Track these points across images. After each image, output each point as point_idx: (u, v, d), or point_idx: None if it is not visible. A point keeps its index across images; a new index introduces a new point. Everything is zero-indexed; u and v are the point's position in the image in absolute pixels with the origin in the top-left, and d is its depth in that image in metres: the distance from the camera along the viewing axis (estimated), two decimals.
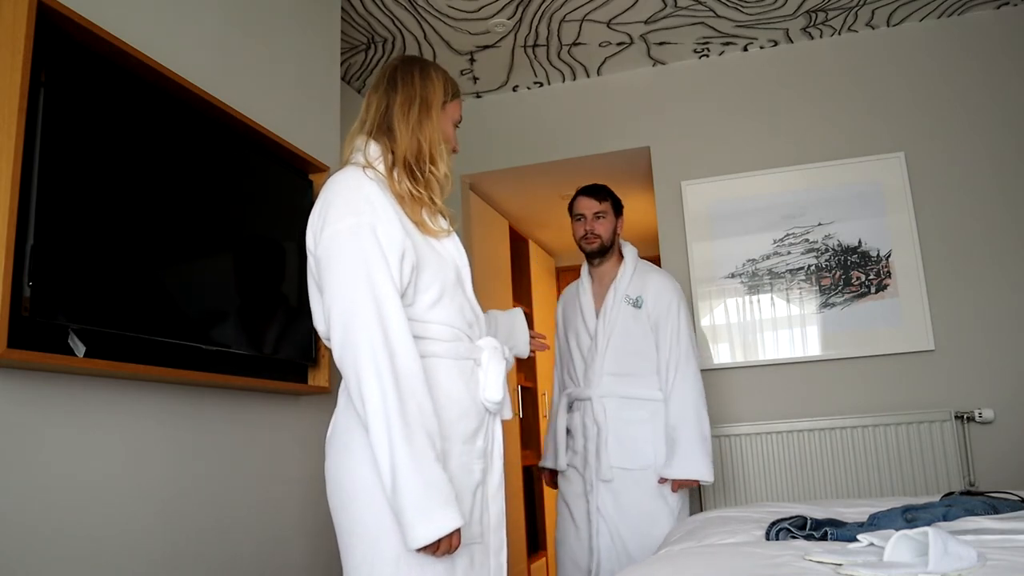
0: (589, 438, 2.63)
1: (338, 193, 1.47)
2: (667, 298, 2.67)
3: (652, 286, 2.68)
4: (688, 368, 2.61)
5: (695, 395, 2.59)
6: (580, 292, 2.82)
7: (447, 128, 1.65)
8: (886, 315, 3.36)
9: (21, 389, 1.53)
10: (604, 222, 2.71)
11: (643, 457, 2.58)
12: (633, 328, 2.66)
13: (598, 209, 2.71)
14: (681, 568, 1.34)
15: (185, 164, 1.97)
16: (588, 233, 2.71)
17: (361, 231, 1.41)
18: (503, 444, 1.61)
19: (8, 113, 1.46)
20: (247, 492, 2.17)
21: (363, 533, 1.41)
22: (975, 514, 1.69)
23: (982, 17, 3.49)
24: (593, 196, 2.73)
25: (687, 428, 2.54)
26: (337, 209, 1.44)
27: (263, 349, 2.20)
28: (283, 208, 2.39)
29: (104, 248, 1.68)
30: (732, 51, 3.78)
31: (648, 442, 2.59)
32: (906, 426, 3.22)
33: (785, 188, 3.57)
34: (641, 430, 2.60)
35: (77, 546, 1.62)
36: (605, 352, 2.66)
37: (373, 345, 1.35)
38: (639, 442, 2.59)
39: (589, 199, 2.73)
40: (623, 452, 2.58)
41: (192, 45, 2.12)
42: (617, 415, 2.61)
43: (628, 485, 2.57)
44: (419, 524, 1.31)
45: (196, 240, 1.99)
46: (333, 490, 1.47)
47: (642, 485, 2.57)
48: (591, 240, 2.71)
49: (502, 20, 3.37)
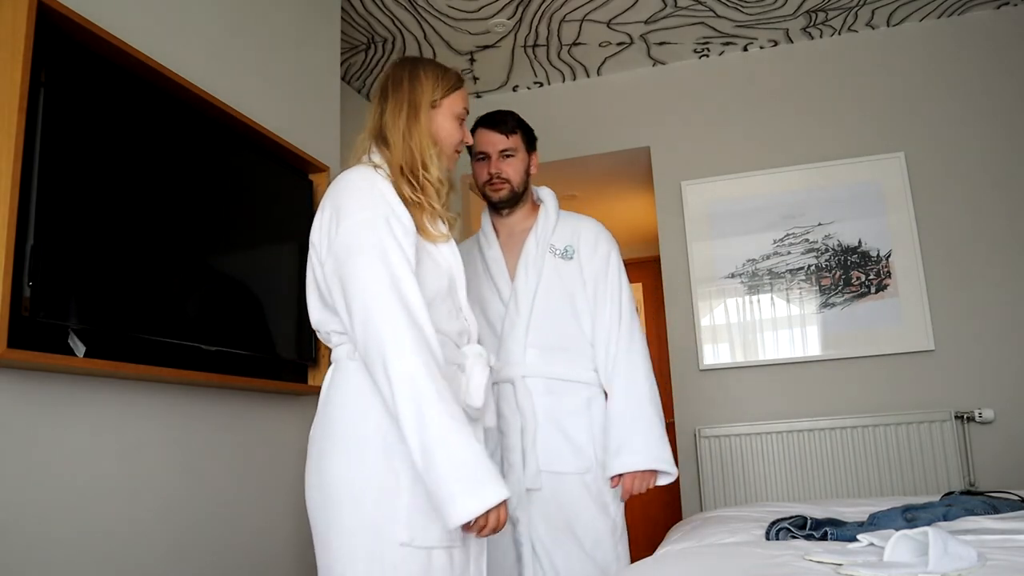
0: (510, 433, 1.96)
1: (351, 191, 1.49)
2: (604, 249, 2.09)
3: (585, 233, 2.09)
4: (636, 340, 2.03)
5: (648, 373, 2.02)
6: (484, 248, 2.13)
7: (441, 127, 1.61)
8: (886, 315, 3.36)
9: (21, 389, 1.53)
10: (513, 161, 2.06)
11: (582, 457, 1.97)
12: (562, 287, 2.05)
13: (505, 146, 2.05)
14: (681, 568, 1.34)
15: (185, 164, 1.97)
16: (493, 177, 2.05)
17: (377, 222, 1.44)
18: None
19: (8, 113, 1.47)
20: (247, 492, 2.17)
21: (340, 531, 1.41)
22: (975, 514, 1.69)
23: (982, 17, 3.49)
24: (497, 129, 2.06)
25: (644, 411, 1.96)
26: (352, 205, 1.46)
27: (263, 349, 2.20)
28: (283, 208, 2.39)
29: (104, 248, 1.68)
30: (732, 51, 3.78)
31: (586, 438, 1.99)
32: (906, 426, 3.22)
33: (785, 188, 3.57)
34: (577, 423, 1.99)
35: (77, 546, 1.62)
36: (529, 320, 2.01)
37: (399, 327, 1.36)
38: (575, 438, 1.98)
39: (492, 132, 2.06)
40: (555, 451, 1.96)
41: (192, 45, 2.12)
42: (547, 403, 1.98)
43: (563, 495, 1.94)
44: (467, 496, 1.28)
45: (196, 240, 1.99)
46: (312, 487, 1.48)
47: (580, 495, 1.95)
48: (498, 186, 2.05)
49: (502, 20, 3.37)
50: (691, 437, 3.51)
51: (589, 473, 1.96)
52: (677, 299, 3.66)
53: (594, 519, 1.94)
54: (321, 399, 1.55)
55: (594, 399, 2.03)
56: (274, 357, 2.23)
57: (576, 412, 2.00)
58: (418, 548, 1.39)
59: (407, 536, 1.38)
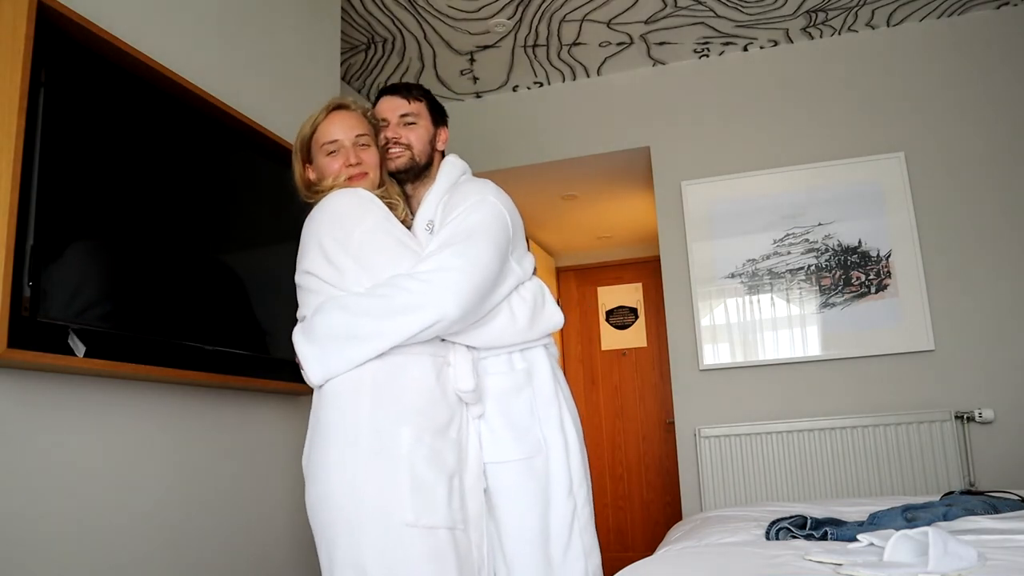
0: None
1: (343, 204, 1.62)
2: (455, 202, 1.73)
3: (454, 198, 1.76)
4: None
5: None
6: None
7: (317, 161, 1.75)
8: (886, 315, 3.36)
9: (21, 389, 1.53)
10: (416, 128, 1.83)
11: (530, 440, 1.67)
12: None
13: (407, 110, 1.84)
14: (681, 568, 1.34)
15: (185, 164, 1.97)
16: (390, 142, 1.81)
17: (379, 224, 1.60)
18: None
19: (8, 113, 1.47)
20: (246, 491, 2.17)
21: (346, 527, 1.43)
22: (975, 514, 1.69)
23: (982, 17, 3.49)
24: (398, 94, 1.86)
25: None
26: (352, 215, 1.60)
27: (261, 349, 2.20)
28: (283, 208, 2.39)
29: (104, 248, 1.68)
30: (732, 51, 3.78)
31: (531, 420, 1.70)
32: (906, 426, 3.22)
33: (785, 188, 3.57)
34: (519, 401, 1.70)
35: (77, 544, 1.62)
36: None
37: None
38: (520, 421, 1.69)
39: (393, 98, 1.86)
40: (503, 436, 1.66)
41: (192, 45, 2.12)
42: (487, 384, 1.69)
43: (517, 486, 1.65)
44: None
45: (196, 240, 1.99)
46: (311, 489, 1.51)
47: (528, 484, 1.66)
48: (396, 153, 1.81)
49: (502, 20, 3.37)
50: (691, 437, 3.51)
51: (538, 457, 1.67)
52: (677, 299, 3.66)
53: (547, 509, 1.66)
54: (314, 402, 1.58)
55: (534, 373, 1.73)
56: (273, 357, 2.23)
57: (518, 389, 1.71)
58: (424, 528, 1.41)
59: (412, 517, 1.41)
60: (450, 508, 1.46)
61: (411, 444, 1.46)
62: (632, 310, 5.79)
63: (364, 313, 1.50)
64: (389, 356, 1.51)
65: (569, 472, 1.68)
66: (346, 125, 1.70)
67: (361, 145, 1.70)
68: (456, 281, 1.52)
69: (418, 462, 1.45)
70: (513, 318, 1.66)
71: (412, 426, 1.47)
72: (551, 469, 1.67)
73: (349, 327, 1.50)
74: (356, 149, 1.69)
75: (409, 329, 1.50)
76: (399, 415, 1.48)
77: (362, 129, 1.72)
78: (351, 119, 1.72)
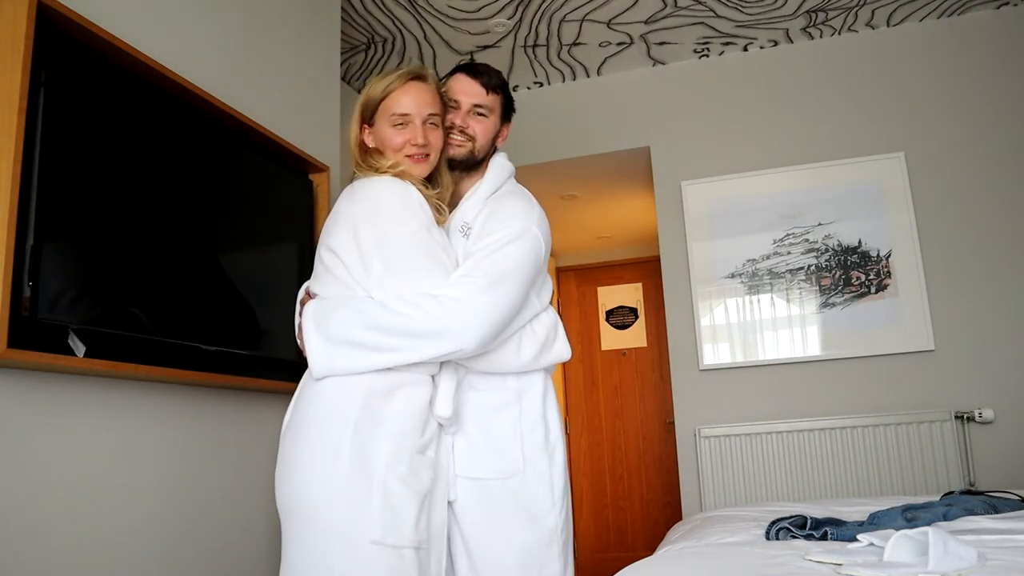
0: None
1: (391, 200, 1.55)
2: (500, 218, 1.65)
3: (492, 206, 1.69)
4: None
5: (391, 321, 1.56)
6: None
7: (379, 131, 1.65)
8: (886, 315, 3.36)
9: (21, 389, 1.53)
10: (484, 122, 1.74)
11: (509, 459, 1.62)
12: None
13: (482, 101, 1.73)
14: (681, 568, 1.34)
15: (185, 164, 1.97)
16: (457, 128, 1.70)
17: (418, 234, 1.53)
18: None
19: (8, 113, 1.47)
20: (247, 491, 2.17)
21: (313, 531, 1.42)
22: (975, 514, 1.69)
23: (982, 17, 3.49)
24: (479, 79, 1.74)
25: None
26: (396, 216, 1.53)
27: (262, 349, 2.20)
28: (283, 208, 2.39)
29: (104, 248, 1.68)
30: (732, 51, 3.78)
31: (513, 439, 1.63)
32: (906, 426, 3.22)
33: (785, 188, 3.57)
34: (502, 420, 1.64)
35: (77, 545, 1.62)
36: None
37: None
38: (499, 439, 1.63)
39: (473, 82, 1.73)
40: (480, 452, 1.62)
41: (192, 45, 2.12)
42: (472, 398, 1.66)
43: (490, 506, 1.60)
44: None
45: (196, 240, 1.99)
46: (283, 479, 1.49)
47: (504, 503, 1.60)
48: (458, 142, 1.71)
49: (502, 20, 3.37)
50: (691, 437, 3.51)
51: (515, 477, 1.61)
52: (677, 299, 3.66)
53: (523, 532, 1.59)
54: (292, 402, 1.58)
55: (526, 393, 1.67)
56: (273, 357, 2.23)
57: (505, 406, 1.65)
58: (390, 547, 1.41)
59: (379, 534, 1.40)
60: (417, 528, 1.45)
61: (388, 462, 1.44)
62: (632, 310, 5.79)
63: (383, 328, 1.47)
64: (390, 372, 1.50)
65: (552, 494, 1.62)
66: (421, 100, 1.60)
67: (430, 124, 1.62)
68: (481, 315, 1.49)
69: (392, 481, 1.43)
70: (519, 351, 1.62)
71: (393, 444, 1.46)
72: (530, 490, 1.60)
73: (365, 338, 1.47)
74: (425, 128, 1.60)
75: (425, 354, 1.48)
76: (384, 432, 1.47)
77: (435, 107, 1.63)
78: (427, 94, 1.62)
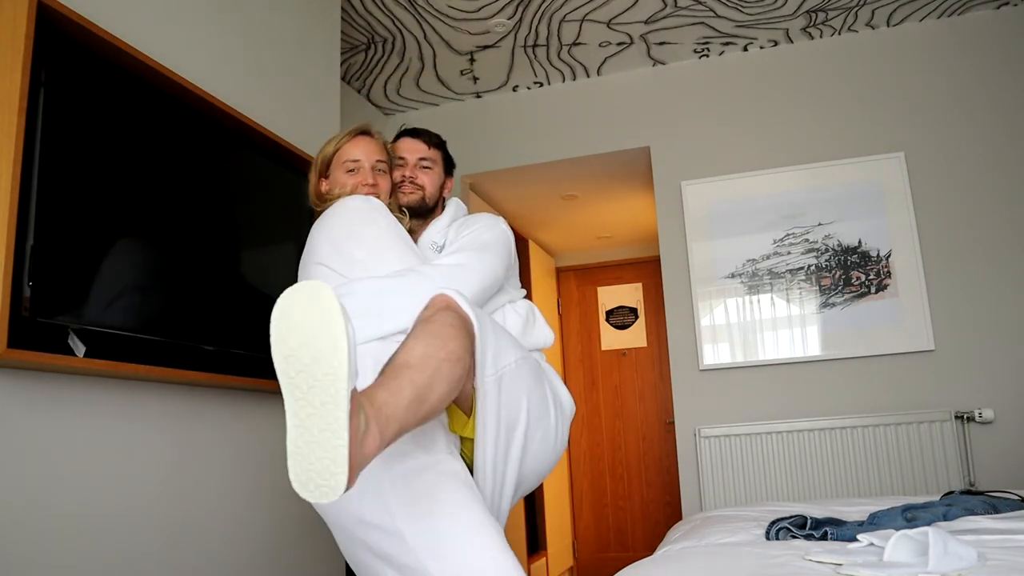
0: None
1: (357, 207, 1.70)
2: (469, 224, 1.90)
3: (463, 223, 1.94)
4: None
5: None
6: None
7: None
8: (886, 315, 3.36)
9: (21, 389, 1.53)
10: (430, 173, 2.00)
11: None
12: None
13: (425, 155, 2.00)
14: (681, 568, 1.34)
15: (185, 164, 1.97)
16: (406, 180, 1.95)
17: (391, 227, 1.69)
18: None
19: (8, 113, 1.47)
20: (247, 491, 2.17)
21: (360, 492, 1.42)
22: (975, 514, 1.69)
23: (982, 17, 3.49)
24: (420, 139, 2.02)
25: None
26: (366, 217, 1.67)
27: (262, 349, 2.19)
28: (283, 207, 2.39)
29: (104, 248, 1.68)
30: (732, 51, 3.78)
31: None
32: (906, 426, 3.22)
33: (785, 188, 3.57)
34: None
35: (76, 544, 1.62)
36: None
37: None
38: None
39: (415, 141, 2.02)
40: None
41: (192, 45, 2.12)
42: None
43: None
44: None
45: (196, 240, 1.99)
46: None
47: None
48: (409, 190, 1.95)
49: (502, 20, 3.37)
50: (691, 437, 3.51)
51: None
52: (677, 299, 3.66)
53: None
54: None
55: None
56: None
57: None
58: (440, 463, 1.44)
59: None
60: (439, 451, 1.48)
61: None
62: (632, 310, 5.79)
63: (388, 292, 1.56)
64: (391, 339, 1.53)
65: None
66: (368, 149, 1.83)
67: (379, 170, 1.83)
68: (472, 276, 1.66)
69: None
70: (503, 324, 1.72)
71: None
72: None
73: (370, 305, 1.53)
74: (374, 172, 1.82)
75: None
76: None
77: (381, 156, 1.85)
78: (373, 145, 1.85)
